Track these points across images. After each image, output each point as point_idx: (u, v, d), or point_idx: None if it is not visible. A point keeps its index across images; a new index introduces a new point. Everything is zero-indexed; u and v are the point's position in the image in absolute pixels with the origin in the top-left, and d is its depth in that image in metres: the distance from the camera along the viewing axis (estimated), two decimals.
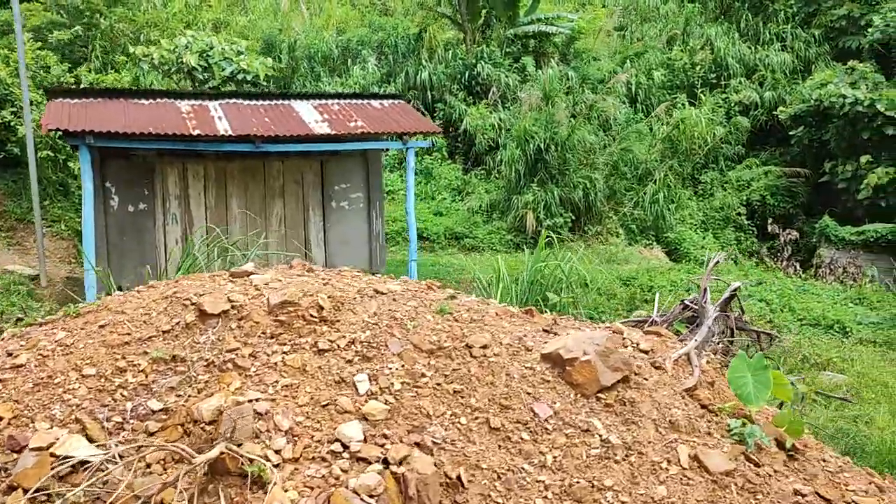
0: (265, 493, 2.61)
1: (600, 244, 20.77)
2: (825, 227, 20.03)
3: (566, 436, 3.16)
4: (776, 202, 22.48)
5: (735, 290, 5.53)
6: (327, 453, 2.78)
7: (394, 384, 3.18)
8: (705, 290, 5.41)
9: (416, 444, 2.90)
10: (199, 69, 16.51)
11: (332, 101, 12.33)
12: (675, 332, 5.80)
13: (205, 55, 16.68)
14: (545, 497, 2.88)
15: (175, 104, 11.33)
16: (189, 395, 3.06)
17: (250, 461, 2.65)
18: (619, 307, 13.97)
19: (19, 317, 10.80)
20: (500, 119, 22.85)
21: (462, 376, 3.37)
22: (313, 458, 2.76)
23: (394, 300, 3.95)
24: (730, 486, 3.22)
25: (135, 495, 2.59)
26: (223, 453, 2.63)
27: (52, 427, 2.90)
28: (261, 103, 11.99)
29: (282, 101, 12.17)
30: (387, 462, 2.78)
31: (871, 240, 19.14)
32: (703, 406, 3.72)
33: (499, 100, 23.79)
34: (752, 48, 25.49)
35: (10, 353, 3.48)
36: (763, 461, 3.59)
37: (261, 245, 8.94)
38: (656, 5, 30.15)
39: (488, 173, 22.80)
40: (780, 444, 3.86)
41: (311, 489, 2.66)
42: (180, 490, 2.59)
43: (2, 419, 2.97)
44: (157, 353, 3.22)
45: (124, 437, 2.87)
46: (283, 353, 3.25)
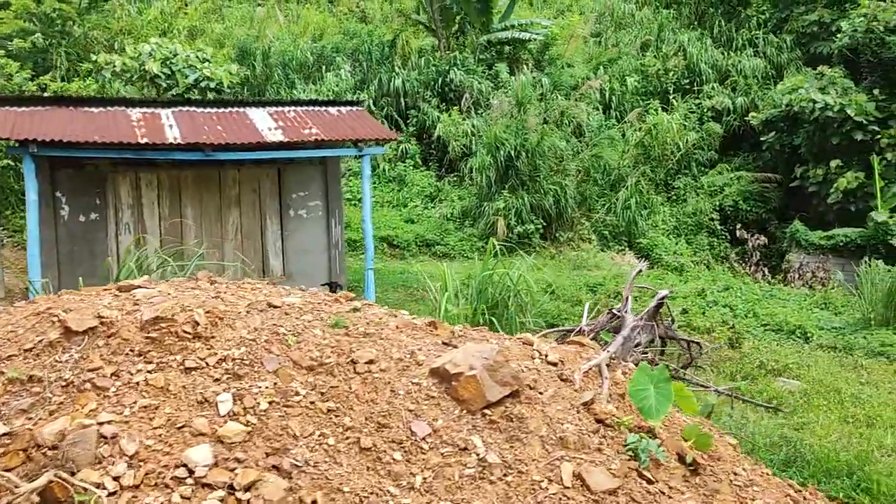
0: None
1: (572, 250, 20.71)
2: (795, 232, 20.04)
3: (441, 455, 3.05)
4: (749, 207, 22.50)
5: (663, 298, 5.42)
6: (171, 479, 2.65)
7: (260, 404, 3.05)
8: (627, 299, 5.31)
9: (274, 468, 2.77)
10: (163, 77, 16.34)
11: (288, 109, 12.19)
12: (604, 341, 5.70)
13: (168, 63, 16.50)
14: None
15: (126, 112, 11.17)
16: (40, 418, 2.93)
17: (84, 490, 2.52)
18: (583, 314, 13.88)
19: None
20: (473, 126, 22.78)
21: (340, 394, 3.25)
22: (155, 484, 2.63)
23: (285, 314, 3.83)
24: None
25: None
26: (52, 481, 2.50)
27: None
28: (215, 111, 11.84)
29: (237, 109, 12.02)
30: (232, 488, 2.66)
31: (841, 244, 19.16)
32: (599, 420, 3.61)
33: (472, 106, 23.73)
34: (725, 54, 25.56)
35: None
36: (658, 477, 3.48)
37: (201, 255, 8.77)
38: (631, 12, 30.21)
39: (461, 180, 22.72)
40: (681, 459, 3.76)
41: None
42: None
43: None
44: (13, 373, 3.09)
45: None
46: (148, 371, 3.13)
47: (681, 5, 28.90)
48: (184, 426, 2.88)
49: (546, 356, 4.27)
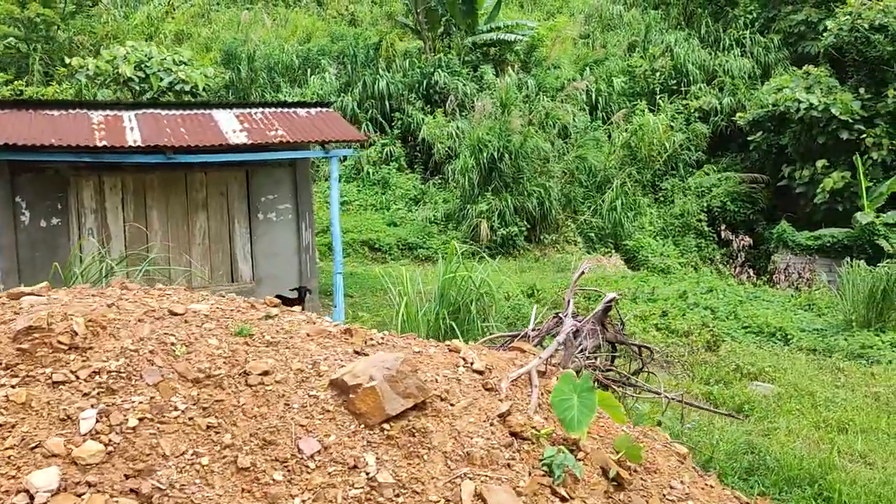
0: None
1: (556, 253, 20.49)
2: (782, 233, 19.83)
3: (328, 474, 2.82)
4: (736, 208, 22.29)
5: (611, 301, 5.20)
6: None
7: (129, 420, 2.82)
8: (568, 302, 5.09)
9: (132, 491, 2.55)
10: (136, 80, 16.12)
11: (255, 111, 11.97)
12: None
13: (142, 66, 16.29)
14: None
15: (87, 115, 10.94)
16: None
17: None
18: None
19: None
20: (457, 128, 22.57)
21: (225, 408, 3.02)
22: None
23: (185, 322, 3.60)
24: None
25: None
26: None
27: None
28: (181, 113, 11.62)
29: (203, 111, 11.80)
30: None
31: (828, 245, 18.96)
32: (514, 433, 3.38)
33: (456, 108, 23.52)
34: (712, 54, 25.36)
35: None
36: (575, 494, 3.26)
37: (151, 260, 8.54)
38: (619, 13, 30.04)
39: (446, 183, 22.50)
40: (605, 473, 3.53)
41: None
42: None
43: None
44: None
45: None
46: (11, 386, 2.90)
47: (669, 6, 28.73)
48: (37, 447, 2.65)
49: (472, 364, 4.04)
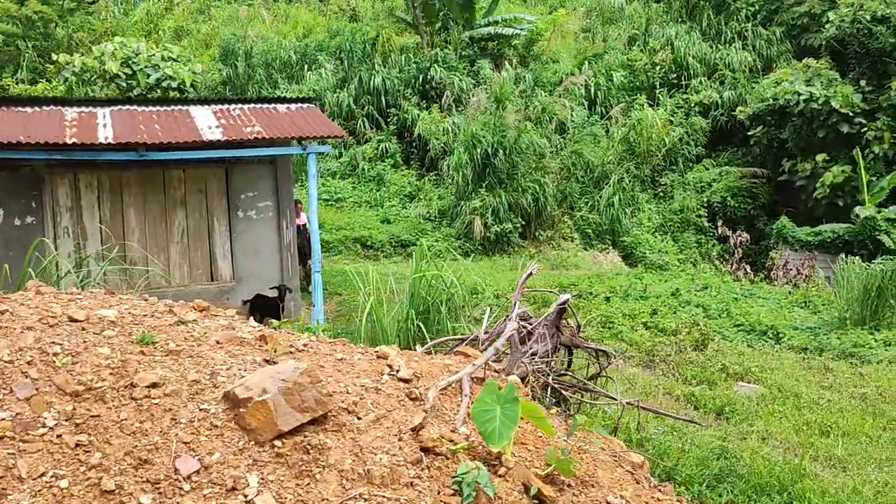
0: None
1: (552, 249, 20.21)
2: (782, 228, 19.51)
3: (203, 497, 2.61)
4: (737, 203, 21.95)
5: (564, 303, 4.96)
6: None
7: None
8: (514, 304, 4.85)
9: None
10: (123, 76, 15.96)
11: (234, 107, 11.76)
12: (499, 351, 5.24)
13: (129, 62, 16.12)
14: None
15: (61, 112, 10.77)
16: None
17: None
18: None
19: None
20: (453, 123, 22.31)
21: (100, 424, 2.81)
22: None
23: (82, 329, 3.39)
24: None
25: None
26: None
27: None
28: (157, 109, 11.42)
29: (180, 107, 11.61)
30: None
31: (828, 240, 18.62)
32: (426, 448, 3.15)
33: (452, 104, 23.26)
34: (714, 47, 24.98)
35: None
36: None
37: (113, 259, 8.35)
38: (620, 6, 29.66)
39: (442, 179, 22.23)
40: (527, 490, 3.30)
41: None
42: None
43: None
44: None
45: None
46: None
47: None
48: None
49: (398, 372, 3.82)
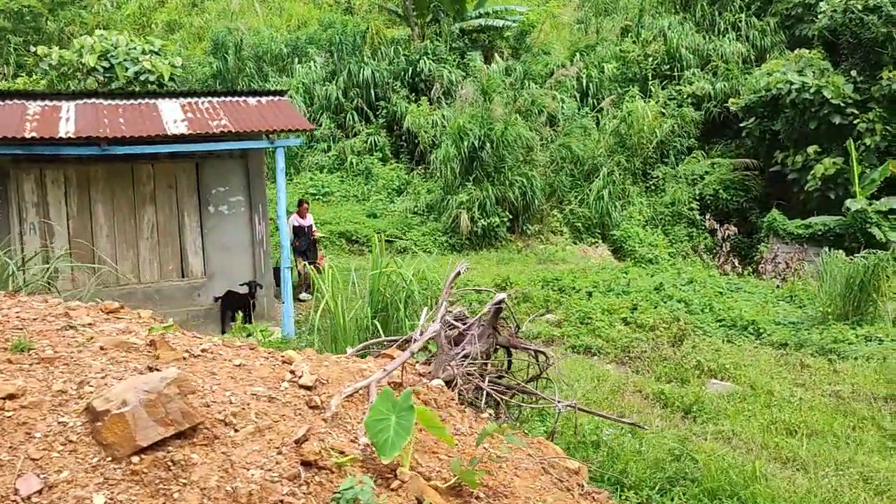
0: None
1: (540, 243, 20.00)
2: (773, 221, 19.25)
3: None
4: (729, 196, 21.69)
5: (500, 302, 4.76)
6: None
7: None
8: (441, 304, 4.65)
9: None
10: (101, 70, 15.77)
11: (203, 100, 11.57)
12: (430, 353, 5.05)
13: (107, 56, 15.93)
14: None
15: (24, 105, 10.59)
16: None
17: None
18: (529, 311, 13.20)
19: None
20: (443, 116, 22.08)
21: None
22: None
23: None
24: None
25: None
26: None
27: None
28: (124, 103, 11.24)
29: (148, 101, 11.41)
30: None
31: (819, 233, 18.36)
32: (308, 462, 2.97)
33: (441, 96, 23.02)
34: (707, 38, 24.66)
35: None
36: None
37: (61, 257, 8.18)
38: None
39: (432, 173, 22.01)
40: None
41: None
42: None
43: None
44: None
45: None
46: None
47: None
48: None
49: (299, 378, 3.63)
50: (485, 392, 4.67)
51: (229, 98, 11.77)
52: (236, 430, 3.01)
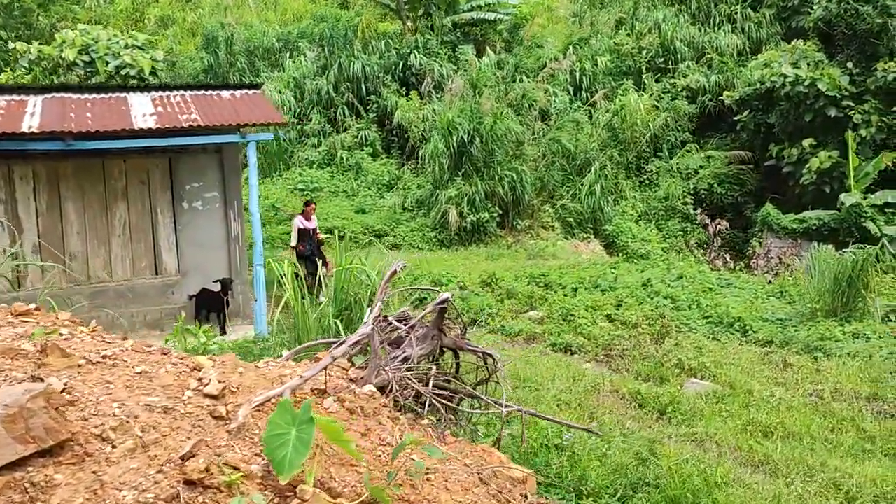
0: None
1: (531, 239, 19.73)
2: (767, 216, 18.95)
3: None
4: (724, 190, 21.37)
5: (444, 301, 4.51)
6: None
7: None
8: (376, 304, 4.41)
9: None
10: (81, 64, 15.53)
11: (174, 94, 11.32)
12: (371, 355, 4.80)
13: (88, 50, 15.70)
14: None
15: None
16: None
17: None
18: (512, 308, 12.95)
19: None
20: (433, 111, 21.80)
21: None
22: None
23: None
24: None
25: None
26: None
27: None
28: (93, 97, 11.00)
29: (118, 95, 11.17)
30: None
31: (813, 228, 18.06)
32: (191, 481, 2.73)
33: (432, 91, 22.74)
34: (702, 30, 24.32)
35: None
36: None
37: (13, 254, 7.95)
38: None
39: (422, 168, 21.75)
40: None
41: None
42: None
43: None
44: None
45: None
46: None
47: None
48: None
49: (206, 386, 3.39)
50: (429, 398, 4.42)
51: (202, 92, 11.52)
52: (114, 447, 2.77)
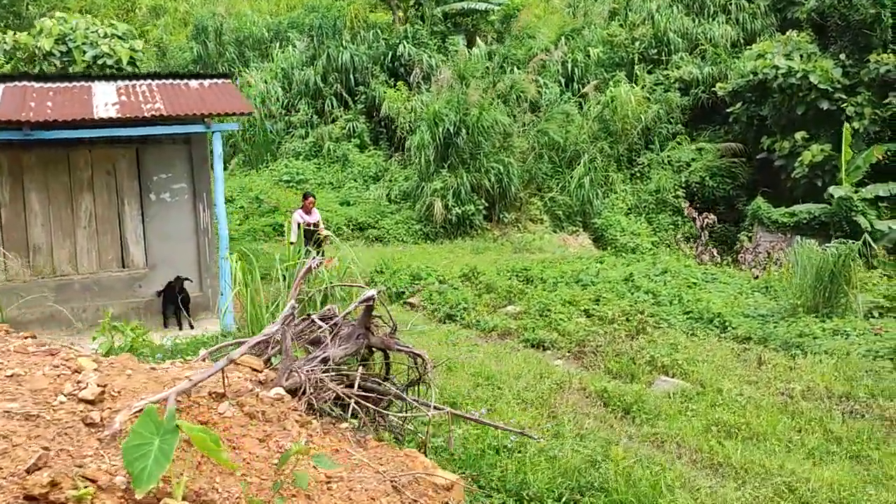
0: None
1: (517, 232, 19.48)
2: (757, 209, 18.68)
3: None
4: (715, 184, 21.07)
5: (370, 299, 4.28)
6: None
7: None
8: (289, 304, 4.18)
9: None
10: (57, 54, 15.29)
11: (140, 83, 11.08)
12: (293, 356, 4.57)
13: (65, 40, 15.45)
14: None
15: None
16: None
17: None
18: (490, 303, 12.71)
19: None
20: (421, 102, 21.53)
21: None
22: None
23: None
24: None
25: None
26: None
27: None
28: (57, 86, 10.77)
29: (83, 83, 10.94)
30: None
31: (804, 221, 17.78)
32: (32, 497, 2.51)
33: (421, 81, 22.47)
34: (696, 21, 23.97)
35: None
36: None
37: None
38: None
39: (410, 159, 21.48)
40: None
41: None
42: None
43: None
44: None
45: None
46: None
47: None
48: None
49: (83, 389, 3.16)
50: (351, 401, 4.20)
51: (169, 81, 11.28)
52: None
